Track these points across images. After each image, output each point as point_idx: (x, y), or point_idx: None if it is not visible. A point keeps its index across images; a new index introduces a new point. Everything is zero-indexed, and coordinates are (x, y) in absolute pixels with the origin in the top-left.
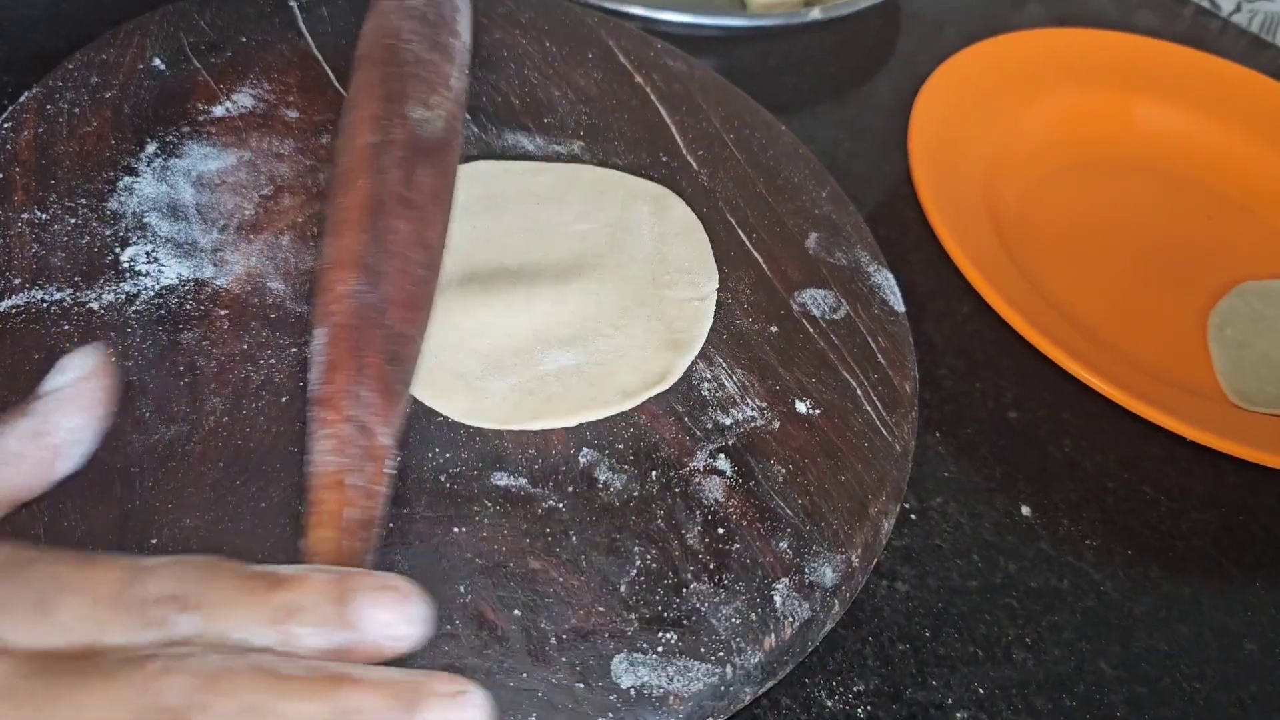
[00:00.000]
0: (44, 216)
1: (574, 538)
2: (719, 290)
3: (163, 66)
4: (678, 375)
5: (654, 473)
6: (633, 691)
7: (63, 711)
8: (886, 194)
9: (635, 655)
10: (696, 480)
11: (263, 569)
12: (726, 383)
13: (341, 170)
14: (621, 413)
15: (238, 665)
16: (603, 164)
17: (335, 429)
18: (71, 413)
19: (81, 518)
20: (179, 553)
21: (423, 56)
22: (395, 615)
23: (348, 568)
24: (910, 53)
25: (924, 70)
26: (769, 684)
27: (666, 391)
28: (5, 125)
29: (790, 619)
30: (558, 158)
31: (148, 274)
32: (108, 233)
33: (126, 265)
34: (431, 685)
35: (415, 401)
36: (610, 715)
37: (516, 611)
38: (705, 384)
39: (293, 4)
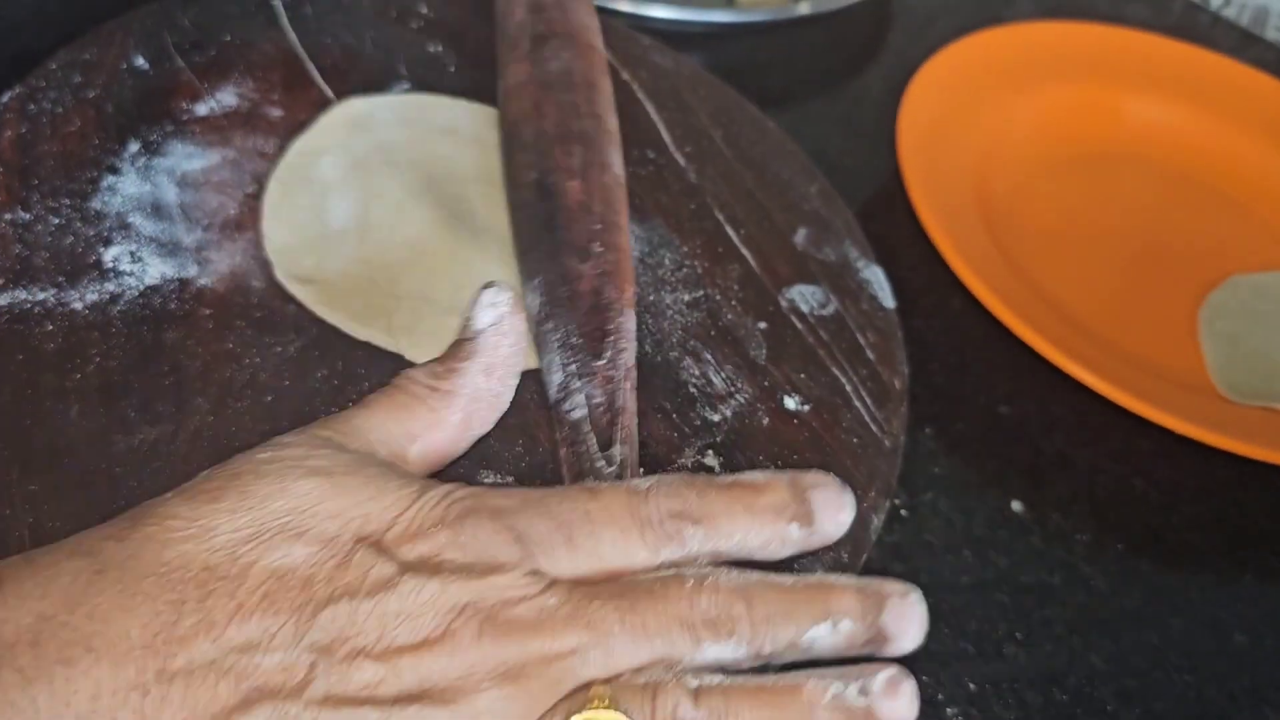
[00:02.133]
0: (27, 216)
1: None
2: (707, 287)
3: (145, 65)
4: None
5: (642, 469)
6: None
7: (628, 622)
8: (876, 189)
9: None
10: None
11: (729, 479)
12: (714, 379)
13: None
14: None
15: (752, 579)
16: None
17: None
18: (508, 346)
19: (65, 520)
20: None
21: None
22: (840, 505)
23: (795, 471)
24: (900, 47)
25: (914, 64)
26: None
27: (654, 388)
28: None
29: None
30: None
31: (131, 273)
32: (91, 232)
33: (110, 265)
34: (886, 587)
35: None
36: None
37: None
38: (693, 380)
39: (276, 2)
